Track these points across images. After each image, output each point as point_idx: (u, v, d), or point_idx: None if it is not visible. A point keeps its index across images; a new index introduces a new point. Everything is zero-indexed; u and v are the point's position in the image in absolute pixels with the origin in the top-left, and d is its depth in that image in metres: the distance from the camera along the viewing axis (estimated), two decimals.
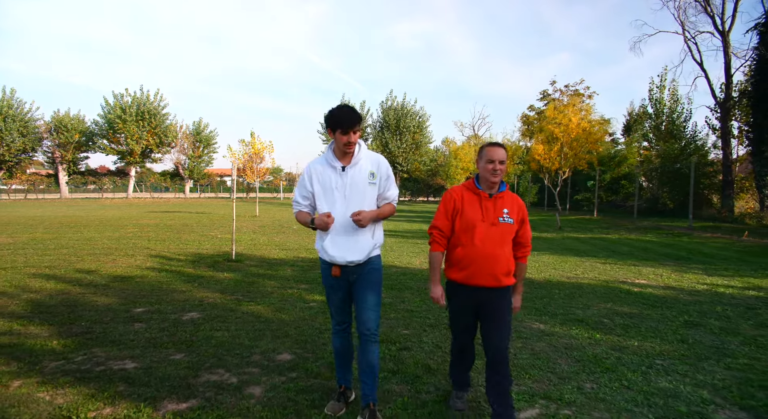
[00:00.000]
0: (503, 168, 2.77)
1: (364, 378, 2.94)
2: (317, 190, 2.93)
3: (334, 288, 2.99)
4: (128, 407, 3.06)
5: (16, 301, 5.76)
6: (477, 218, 2.78)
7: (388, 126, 49.03)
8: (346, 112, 2.77)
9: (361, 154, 2.92)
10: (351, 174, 2.88)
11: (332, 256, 2.87)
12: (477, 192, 2.83)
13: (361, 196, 2.87)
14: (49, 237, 12.42)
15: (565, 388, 3.39)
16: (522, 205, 2.89)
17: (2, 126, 41.18)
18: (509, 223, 2.78)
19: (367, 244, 2.88)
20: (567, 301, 6.00)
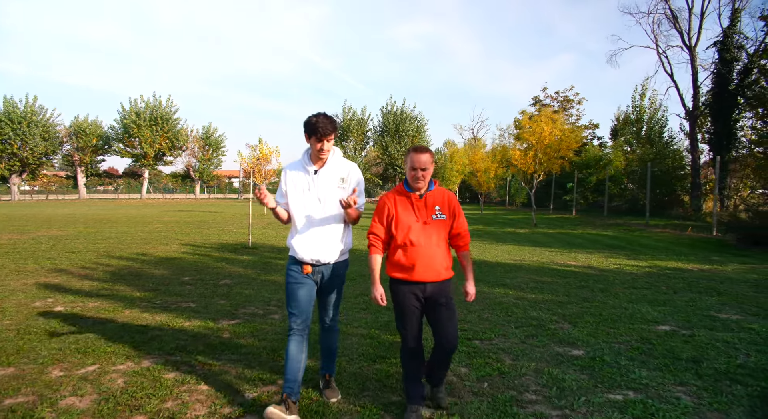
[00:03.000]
0: (426, 174, 2.86)
1: (324, 357, 3.32)
2: (290, 191, 3.08)
3: (300, 284, 3.06)
4: (199, 322, 5.15)
5: (97, 273, 7.92)
6: (411, 219, 2.88)
7: (388, 130, 51.21)
8: (322, 121, 2.89)
9: (334, 160, 3.08)
10: (322, 177, 3.03)
11: (306, 257, 3.01)
12: (407, 194, 2.92)
13: (331, 199, 3.02)
14: (92, 231, 14.65)
15: (470, 317, 5.43)
16: (452, 199, 2.97)
17: (26, 131, 43.74)
18: (442, 219, 2.89)
19: (336, 246, 3.06)
20: (503, 274, 8.05)
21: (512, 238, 14.13)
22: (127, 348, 4.21)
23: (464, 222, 3.03)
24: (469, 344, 4.38)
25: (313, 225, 3.03)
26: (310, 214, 3.03)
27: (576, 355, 4.10)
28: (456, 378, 3.58)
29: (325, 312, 3.21)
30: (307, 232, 3.03)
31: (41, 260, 9.08)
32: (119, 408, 3.05)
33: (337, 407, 3.08)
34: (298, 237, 3.06)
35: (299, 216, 3.06)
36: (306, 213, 3.04)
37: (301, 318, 3.04)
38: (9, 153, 43.75)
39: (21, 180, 47.04)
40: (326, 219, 3.03)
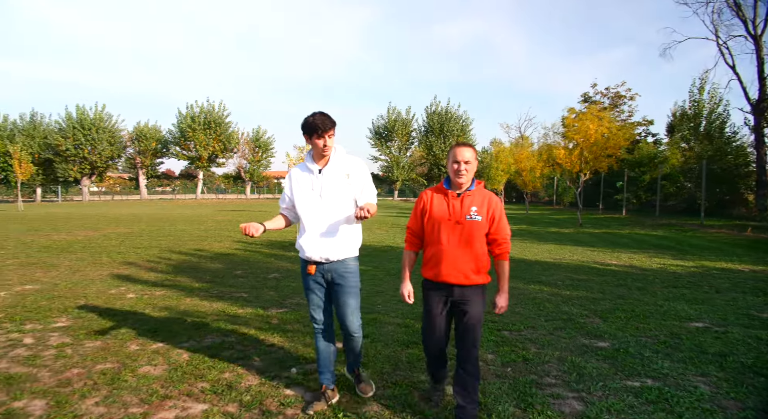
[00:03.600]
0: (469, 168, 2.77)
1: (348, 357, 3.36)
2: (296, 193, 3.08)
3: (311, 288, 3.11)
4: (251, 310, 5.67)
5: (160, 266, 8.67)
6: (443, 217, 2.79)
7: (433, 130, 51.26)
8: (319, 118, 2.88)
9: (337, 157, 3.04)
10: (326, 175, 3.00)
11: (308, 254, 3.02)
12: (445, 191, 2.84)
13: (337, 196, 2.98)
14: (154, 229, 15.75)
15: None
16: (493, 201, 2.83)
17: (95, 136, 46.90)
18: (477, 221, 2.74)
19: (342, 244, 3.02)
20: (540, 272, 8.20)
21: (555, 238, 14.08)
22: (190, 329, 4.76)
23: (504, 229, 2.84)
24: (498, 334, 4.65)
25: (319, 224, 3.00)
26: (315, 213, 3.01)
27: (601, 346, 4.29)
28: (482, 363, 3.87)
29: (344, 318, 3.10)
30: (313, 231, 3.01)
31: (112, 254, 9.99)
32: (186, 376, 3.56)
33: (378, 350, 3.46)
34: (304, 236, 3.04)
35: (305, 215, 3.04)
36: (311, 213, 3.02)
37: (321, 318, 3.14)
38: (80, 157, 47.07)
39: (90, 182, 50.43)
40: (331, 218, 2.99)
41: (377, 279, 7.49)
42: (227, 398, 3.21)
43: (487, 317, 5.18)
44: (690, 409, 3.06)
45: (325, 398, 3.07)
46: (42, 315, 5.23)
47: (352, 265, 3.09)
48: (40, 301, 5.88)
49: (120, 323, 4.95)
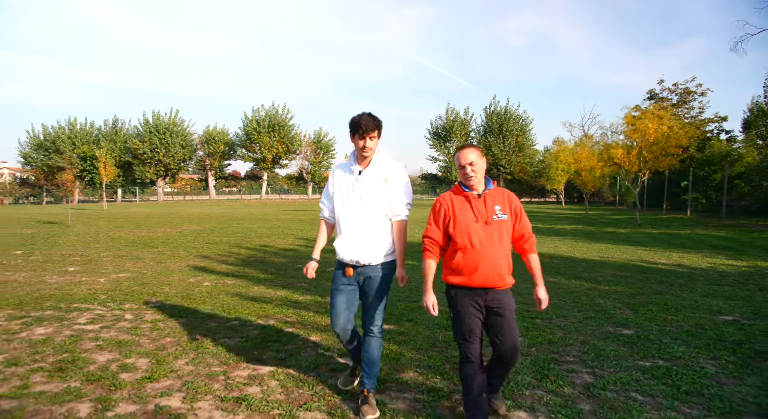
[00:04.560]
0: (476, 169, 2.73)
1: (366, 368, 3.13)
2: (336, 191, 3.13)
3: (339, 290, 3.11)
4: (310, 297, 6.37)
5: (230, 259, 9.65)
6: (470, 220, 2.73)
7: (492, 130, 50.96)
8: (365, 119, 2.91)
9: (378, 161, 3.06)
10: (366, 177, 3.02)
11: (345, 257, 3.03)
12: (464, 193, 2.79)
13: (375, 199, 3.00)
14: (223, 226, 17.07)
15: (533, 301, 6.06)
16: (513, 198, 2.82)
17: (169, 140, 50.39)
18: (503, 219, 2.72)
19: (379, 247, 3.01)
20: (584, 269, 8.42)
21: (608, 237, 14.01)
22: (258, 312, 5.51)
23: (528, 224, 2.85)
24: (530, 321, 5.08)
25: (356, 226, 3.01)
26: (352, 215, 3.02)
27: (624, 334, 4.62)
28: None
29: (368, 316, 3.12)
30: (350, 233, 3.02)
31: (188, 248, 11.13)
32: (255, 346, 4.28)
33: (410, 356, 4.02)
34: (340, 237, 3.08)
35: (342, 216, 3.07)
36: (349, 214, 3.04)
37: (341, 325, 3.12)
38: (156, 160, 50.71)
39: (164, 183, 54.14)
40: (368, 220, 2.99)
41: None
42: (289, 363, 3.88)
43: (522, 306, 5.61)
44: (689, 383, 3.41)
45: (355, 373, 3.37)
46: (136, 297, 6.18)
47: (387, 269, 3.08)
48: (132, 287, 6.88)
49: (199, 305, 5.79)
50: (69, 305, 5.75)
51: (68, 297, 6.16)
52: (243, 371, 3.71)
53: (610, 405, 3.10)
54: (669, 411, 2.99)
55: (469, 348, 2.77)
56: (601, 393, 3.27)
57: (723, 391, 3.29)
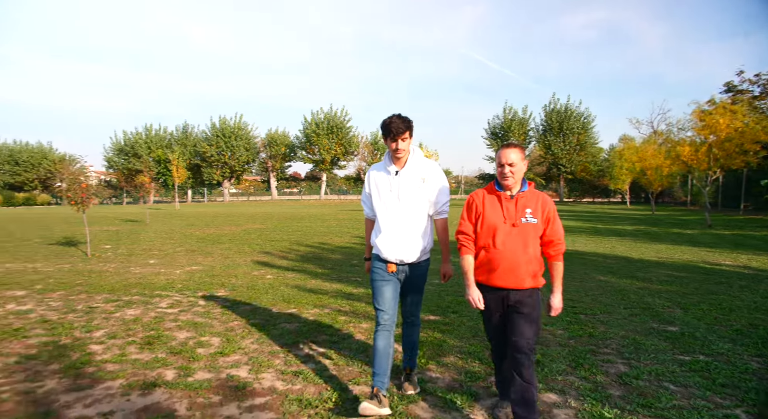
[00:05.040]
0: (515, 170, 2.71)
1: (405, 351, 3.41)
2: (373, 192, 3.20)
3: (385, 281, 3.16)
4: (363, 290, 6.77)
5: (290, 255, 10.28)
6: (498, 220, 2.73)
7: (551, 128, 49.71)
8: (394, 121, 2.97)
9: (414, 160, 3.13)
10: (403, 177, 3.08)
11: (390, 256, 3.10)
12: (497, 193, 2.79)
13: (412, 199, 3.07)
14: (284, 225, 17.95)
15: (586, 299, 6.15)
16: (547, 203, 2.77)
17: (234, 143, 52.92)
18: (533, 223, 2.70)
19: (418, 246, 3.09)
20: (638, 269, 8.33)
21: (672, 238, 13.55)
22: (314, 302, 5.98)
23: (559, 230, 2.77)
24: (574, 316, 5.22)
25: (395, 225, 3.08)
26: (392, 214, 3.09)
27: (668, 330, 4.68)
28: (550, 335, 4.54)
29: (407, 309, 3.31)
30: (390, 232, 3.09)
31: (252, 245, 11.91)
32: (312, 330, 4.73)
33: (452, 343, 4.33)
34: (381, 236, 3.14)
35: (382, 216, 3.15)
36: (388, 214, 3.11)
37: (388, 314, 3.11)
38: (222, 162, 53.40)
39: (230, 184, 56.89)
40: (407, 219, 3.07)
41: None
42: (341, 345, 4.29)
43: (567, 302, 5.74)
44: (727, 377, 3.48)
45: (378, 400, 2.93)
46: (207, 287, 6.84)
47: (424, 266, 3.20)
48: (204, 278, 7.58)
49: (263, 295, 6.35)
50: (152, 292, 6.49)
51: (151, 286, 6.92)
52: (300, 350, 4.16)
53: (640, 392, 3.26)
54: (699, 400, 3.12)
55: (495, 347, 2.94)
56: (633, 381, 3.44)
57: (761, 385, 3.35)
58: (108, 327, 4.80)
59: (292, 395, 3.23)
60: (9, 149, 55.80)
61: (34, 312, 5.41)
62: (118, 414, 2.94)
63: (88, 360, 3.88)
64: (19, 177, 54.63)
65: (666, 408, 3.00)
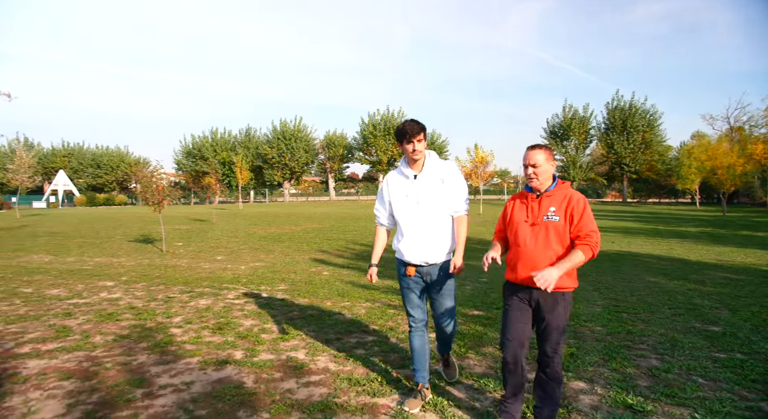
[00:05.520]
0: (538, 171, 2.72)
1: (440, 343, 3.45)
2: (393, 198, 3.23)
3: (410, 287, 3.24)
4: None
5: (346, 253, 10.81)
6: (521, 219, 2.79)
7: (614, 127, 47.93)
8: (408, 124, 3.02)
9: (430, 163, 3.16)
10: (421, 181, 3.11)
11: (407, 258, 3.16)
12: (526, 194, 2.84)
13: (432, 201, 3.10)
14: (341, 225, 18.62)
15: (631, 299, 6.20)
16: (573, 200, 2.71)
17: (294, 145, 54.81)
18: (554, 221, 2.69)
19: (439, 248, 3.11)
20: (692, 271, 8.17)
21: (738, 241, 12.98)
22: (366, 296, 6.41)
23: (587, 226, 2.65)
24: (616, 314, 5.35)
25: (416, 228, 3.11)
26: (412, 218, 3.13)
27: (710, 330, 4.73)
28: (588, 331, 4.72)
29: (439, 314, 3.23)
30: (411, 235, 3.13)
31: (310, 243, 12.57)
32: (363, 321, 5.15)
33: (492, 335, 4.61)
34: (402, 240, 3.20)
35: (402, 220, 3.19)
36: (408, 217, 3.14)
37: (418, 316, 3.25)
38: (282, 163, 55.43)
39: (290, 185, 58.91)
40: (427, 222, 3.10)
41: None
42: (389, 335, 4.68)
43: (611, 301, 5.86)
44: (760, 374, 3.57)
45: (421, 395, 3.14)
46: (269, 282, 7.45)
47: (447, 265, 3.14)
48: (266, 274, 8.21)
49: (319, 289, 6.86)
50: (220, 285, 7.16)
51: (219, 279, 7.62)
52: (352, 338, 4.59)
53: (667, 383, 3.44)
54: (725, 393, 3.26)
55: (508, 346, 2.77)
56: (662, 374, 3.60)
57: None
58: (184, 314, 5.45)
59: (342, 375, 3.66)
60: (92, 153, 60.69)
61: (123, 300, 6.17)
62: (197, 383, 3.48)
63: (170, 340, 4.49)
64: (100, 179, 59.22)
65: (689, 398, 3.18)
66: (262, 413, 3.02)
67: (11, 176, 32.40)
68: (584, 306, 5.74)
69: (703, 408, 3.04)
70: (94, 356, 4.07)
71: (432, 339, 3.97)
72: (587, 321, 5.06)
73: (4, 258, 10.44)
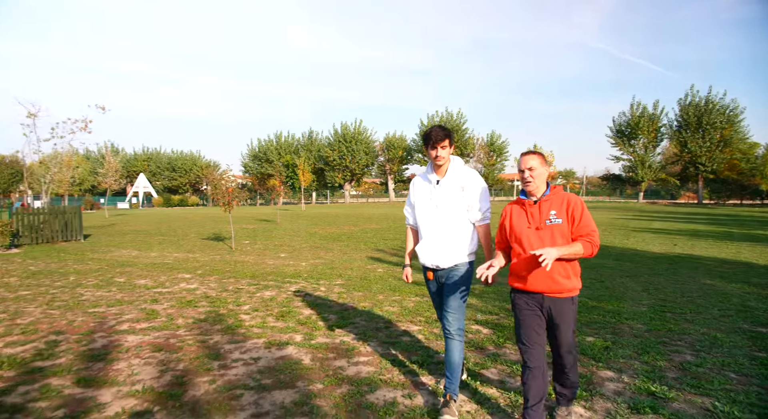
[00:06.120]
0: (534, 175, 2.77)
1: (448, 373, 3.16)
2: (416, 201, 3.34)
3: (430, 289, 3.38)
4: None
5: (401, 252, 11.26)
6: (523, 226, 2.81)
7: (688, 124, 45.36)
8: (435, 130, 3.08)
9: (454, 170, 3.21)
10: (443, 186, 3.18)
11: (426, 262, 3.24)
12: (522, 201, 2.87)
13: (451, 207, 3.15)
14: (397, 226, 19.10)
15: (681, 300, 6.18)
16: (572, 202, 2.77)
17: (354, 148, 56.10)
18: (557, 224, 2.73)
19: (452, 253, 3.15)
20: (757, 275, 7.89)
21: None
22: (416, 291, 6.81)
23: (587, 225, 2.72)
24: (661, 313, 5.43)
25: (434, 232, 3.18)
26: (431, 222, 3.20)
27: (757, 331, 4.73)
28: (628, 328, 4.88)
29: (446, 318, 3.18)
30: (429, 239, 3.21)
31: (368, 243, 13.13)
32: (410, 313, 5.57)
33: None
34: (421, 243, 3.28)
35: (422, 223, 3.27)
36: (428, 221, 3.22)
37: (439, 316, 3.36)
38: (343, 166, 56.86)
39: (350, 186, 60.28)
40: (445, 227, 3.15)
41: None
42: (434, 326, 5.06)
43: (658, 301, 5.92)
44: None
45: (447, 406, 3.03)
46: (327, 277, 8.02)
47: (462, 270, 3.17)
48: (325, 270, 8.81)
49: (373, 284, 7.34)
50: (283, 279, 7.82)
51: (282, 274, 8.30)
52: (399, 328, 5.01)
53: (696, 376, 3.60)
54: (754, 387, 3.39)
55: (527, 352, 2.80)
56: (693, 368, 3.75)
57: None
58: (251, 303, 6.09)
59: (388, 357, 4.09)
60: (168, 157, 65.02)
61: (199, 290, 6.94)
62: (263, 359, 4.04)
63: (239, 324, 5.12)
64: (175, 181, 63.35)
65: (715, 389, 3.34)
66: (316, 384, 3.52)
67: (101, 179, 35.59)
68: (629, 305, 5.85)
69: (726, 398, 3.21)
70: (178, 334, 4.76)
71: None
72: (629, 319, 5.20)
73: (99, 252, 11.77)
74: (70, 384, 3.55)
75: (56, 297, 6.48)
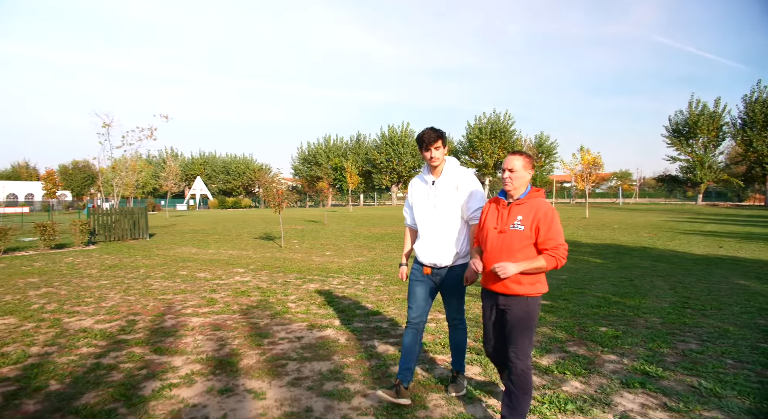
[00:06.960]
0: (514, 177, 2.79)
1: (453, 353, 3.50)
2: (414, 201, 3.44)
3: (419, 282, 3.34)
4: None
5: None
6: (491, 226, 2.85)
7: (755, 122, 43.08)
8: (427, 132, 3.17)
9: (449, 170, 3.30)
10: (439, 186, 3.27)
11: (425, 260, 3.29)
12: (499, 201, 2.91)
13: (447, 206, 3.24)
14: None
15: (706, 299, 6.36)
16: (540, 211, 2.73)
17: (401, 150, 56.81)
18: (519, 230, 2.72)
19: (452, 251, 3.23)
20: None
21: None
22: None
23: (553, 238, 2.68)
24: (680, 309, 5.67)
25: (431, 231, 3.27)
26: (428, 221, 3.29)
27: None
28: (643, 320, 5.18)
29: (449, 312, 3.41)
30: (426, 237, 3.30)
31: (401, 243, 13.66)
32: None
33: (550, 319, 5.27)
34: (418, 241, 3.37)
35: (420, 222, 3.37)
36: (425, 220, 3.31)
37: (417, 313, 3.32)
38: (390, 168, 57.64)
39: (397, 188, 60.96)
40: (442, 226, 3.24)
41: (606, 268, 8.70)
42: None
43: (682, 299, 6.14)
44: None
45: (396, 390, 3.15)
46: (368, 273, 8.63)
47: (459, 270, 3.26)
48: (366, 266, 9.42)
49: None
50: (327, 274, 8.50)
51: (326, 270, 8.98)
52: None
53: (693, 360, 3.92)
54: (744, 370, 3.69)
55: (486, 348, 3.09)
56: (694, 354, 4.07)
57: None
58: (298, 294, 6.77)
59: None
60: (222, 161, 68.04)
61: (251, 282, 7.71)
62: (306, 338, 4.67)
63: (286, 310, 5.79)
64: (229, 184, 66.21)
65: (707, 372, 3.67)
66: (349, 358, 4.11)
67: (162, 182, 37.95)
68: (651, 301, 6.10)
69: (714, 378, 3.55)
70: (234, 318, 5.48)
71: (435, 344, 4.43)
72: (646, 313, 5.49)
73: (164, 249, 12.94)
74: (149, 352, 4.31)
75: (131, 287, 7.42)
